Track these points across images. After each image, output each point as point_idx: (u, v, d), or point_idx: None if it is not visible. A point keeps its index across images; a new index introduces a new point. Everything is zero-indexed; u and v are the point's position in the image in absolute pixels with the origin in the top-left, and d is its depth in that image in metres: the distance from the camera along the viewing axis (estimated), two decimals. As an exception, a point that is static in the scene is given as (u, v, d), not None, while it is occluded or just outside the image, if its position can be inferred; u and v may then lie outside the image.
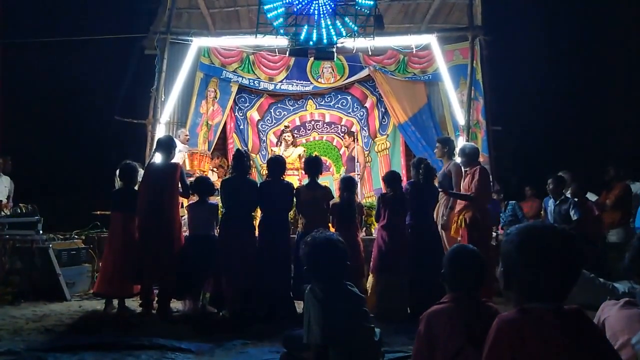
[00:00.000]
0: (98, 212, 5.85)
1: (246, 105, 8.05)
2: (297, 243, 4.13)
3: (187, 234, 4.57)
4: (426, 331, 1.72)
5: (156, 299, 4.30)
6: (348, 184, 4.54)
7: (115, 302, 4.37)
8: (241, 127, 8.02)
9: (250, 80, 7.70)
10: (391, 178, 4.52)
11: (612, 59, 9.39)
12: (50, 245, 4.94)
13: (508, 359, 1.18)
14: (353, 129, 7.84)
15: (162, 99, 6.93)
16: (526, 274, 1.26)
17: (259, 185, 4.46)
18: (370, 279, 4.39)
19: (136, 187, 4.68)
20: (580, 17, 9.52)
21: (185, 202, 5.20)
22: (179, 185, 4.41)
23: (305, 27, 5.84)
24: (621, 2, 9.01)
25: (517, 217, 6.06)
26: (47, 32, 7.46)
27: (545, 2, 9.70)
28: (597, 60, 9.62)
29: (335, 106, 8.12)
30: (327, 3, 5.76)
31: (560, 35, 9.69)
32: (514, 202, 6.23)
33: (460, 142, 6.37)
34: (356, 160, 6.98)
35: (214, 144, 7.58)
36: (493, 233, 5.58)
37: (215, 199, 4.70)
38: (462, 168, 4.68)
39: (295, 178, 6.35)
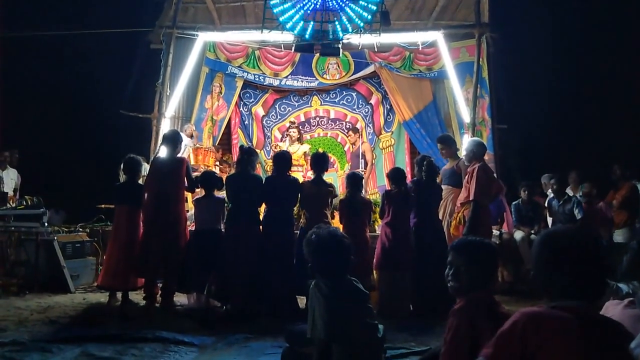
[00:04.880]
0: (102, 206, 5.88)
1: (251, 100, 8.04)
2: (299, 238, 4.14)
3: (192, 228, 4.59)
4: (468, 326, 1.62)
5: (160, 292, 4.32)
6: (354, 180, 4.54)
7: (119, 294, 4.40)
8: (246, 122, 8.01)
9: (256, 76, 7.69)
10: (396, 175, 4.52)
11: (621, 57, 9.30)
12: (55, 238, 4.97)
13: (517, 349, 1.19)
14: (358, 126, 7.81)
15: (168, 94, 6.94)
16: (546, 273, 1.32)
17: (264, 180, 4.47)
18: (374, 275, 4.39)
19: (140, 181, 4.70)
20: (589, 15, 9.43)
21: (191, 197, 5.21)
22: (185, 180, 4.43)
23: (312, 22, 5.81)
24: (629, 1, 8.93)
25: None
26: (53, 25, 7.47)
27: (553, 0, 9.62)
28: (606, 59, 9.53)
29: (340, 102, 8.09)
30: (333, -2, 5.73)
31: (567, 33, 9.60)
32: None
33: (465, 140, 6.34)
34: (361, 157, 6.96)
35: (219, 139, 7.58)
36: (496, 231, 5.58)
37: (221, 194, 4.71)
38: (465, 164, 4.65)
39: (300, 174, 6.34)
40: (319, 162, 4.48)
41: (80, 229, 5.67)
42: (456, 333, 1.65)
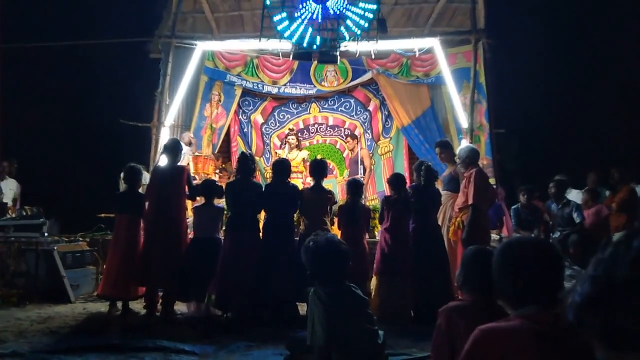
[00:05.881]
0: (102, 215, 5.88)
1: (250, 108, 8.08)
2: (299, 245, 4.14)
3: (192, 236, 4.59)
4: (447, 326, 1.70)
5: (160, 301, 4.32)
6: (355, 187, 4.55)
7: (120, 304, 4.39)
8: (245, 130, 8.05)
9: (254, 84, 7.73)
10: (396, 181, 4.53)
11: (617, 61, 9.37)
12: (55, 248, 4.97)
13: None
14: (356, 132, 7.84)
15: (167, 102, 6.96)
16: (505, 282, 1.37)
17: (263, 187, 4.48)
18: (374, 281, 4.39)
19: (140, 190, 4.71)
20: (583, 21, 9.51)
21: (190, 205, 5.23)
22: (186, 188, 4.44)
23: (309, 30, 5.86)
24: (624, 6, 9.00)
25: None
26: (53, 36, 7.52)
27: (548, 6, 9.70)
28: (601, 63, 9.60)
29: (339, 109, 8.13)
30: (331, 7, 5.79)
31: (563, 38, 9.68)
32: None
33: (463, 145, 6.37)
34: (360, 163, 6.99)
35: (218, 147, 7.61)
36: (496, 236, 5.59)
37: (221, 202, 4.72)
38: (461, 170, 4.67)
39: (299, 181, 6.36)
40: (318, 168, 4.50)
41: (80, 239, 5.67)
42: (437, 332, 1.73)
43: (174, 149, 4.57)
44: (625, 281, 0.60)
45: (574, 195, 6.07)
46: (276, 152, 7.50)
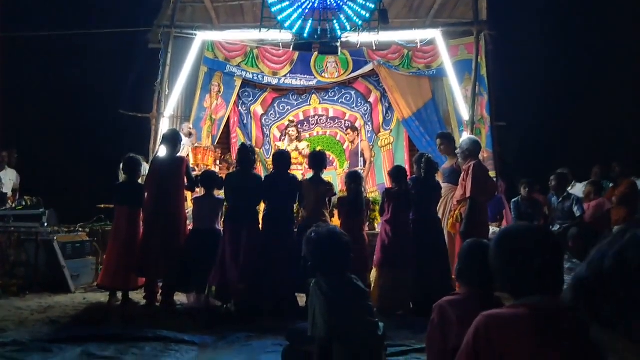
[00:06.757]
0: (102, 206, 5.88)
1: (250, 99, 8.04)
2: (298, 236, 4.14)
3: (191, 227, 4.59)
4: (440, 320, 1.71)
5: (160, 291, 4.33)
6: (355, 178, 4.55)
7: (120, 294, 4.40)
8: (245, 121, 8.01)
9: (254, 75, 7.68)
10: (397, 173, 4.53)
11: (620, 54, 9.31)
12: (55, 238, 4.97)
13: (485, 351, 1.21)
14: (357, 124, 7.81)
15: (166, 93, 6.93)
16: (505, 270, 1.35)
17: (263, 178, 4.48)
18: (374, 273, 4.40)
19: (140, 181, 4.71)
20: (587, 13, 9.43)
21: (190, 196, 5.22)
22: (185, 179, 4.44)
23: (310, 21, 5.81)
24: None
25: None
26: (51, 26, 7.46)
27: (551, -3, 9.62)
28: (604, 56, 9.54)
29: (339, 101, 8.09)
30: (331, -3, 5.73)
31: (566, 30, 9.61)
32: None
33: (464, 138, 6.34)
34: (360, 156, 6.97)
35: (218, 138, 7.58)
36: (496, 228, 5.59)
37: (221, 193, 4.72)
38: (461, 162, 4.64)
39: (299, 172, 6.34)
40: (317, 160, 4.48)
41: (80, 229, 5.67)
42: (430, 326, 1.75)
43: (173, 139, 4.56)
44: (609, 271, 0.61)
45: (578, 189, 6.06)
46: (276, 144, 7.47)
